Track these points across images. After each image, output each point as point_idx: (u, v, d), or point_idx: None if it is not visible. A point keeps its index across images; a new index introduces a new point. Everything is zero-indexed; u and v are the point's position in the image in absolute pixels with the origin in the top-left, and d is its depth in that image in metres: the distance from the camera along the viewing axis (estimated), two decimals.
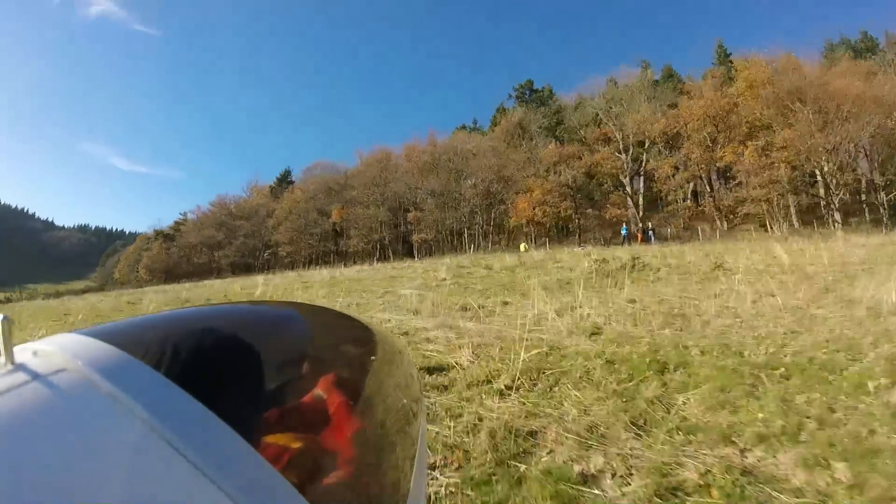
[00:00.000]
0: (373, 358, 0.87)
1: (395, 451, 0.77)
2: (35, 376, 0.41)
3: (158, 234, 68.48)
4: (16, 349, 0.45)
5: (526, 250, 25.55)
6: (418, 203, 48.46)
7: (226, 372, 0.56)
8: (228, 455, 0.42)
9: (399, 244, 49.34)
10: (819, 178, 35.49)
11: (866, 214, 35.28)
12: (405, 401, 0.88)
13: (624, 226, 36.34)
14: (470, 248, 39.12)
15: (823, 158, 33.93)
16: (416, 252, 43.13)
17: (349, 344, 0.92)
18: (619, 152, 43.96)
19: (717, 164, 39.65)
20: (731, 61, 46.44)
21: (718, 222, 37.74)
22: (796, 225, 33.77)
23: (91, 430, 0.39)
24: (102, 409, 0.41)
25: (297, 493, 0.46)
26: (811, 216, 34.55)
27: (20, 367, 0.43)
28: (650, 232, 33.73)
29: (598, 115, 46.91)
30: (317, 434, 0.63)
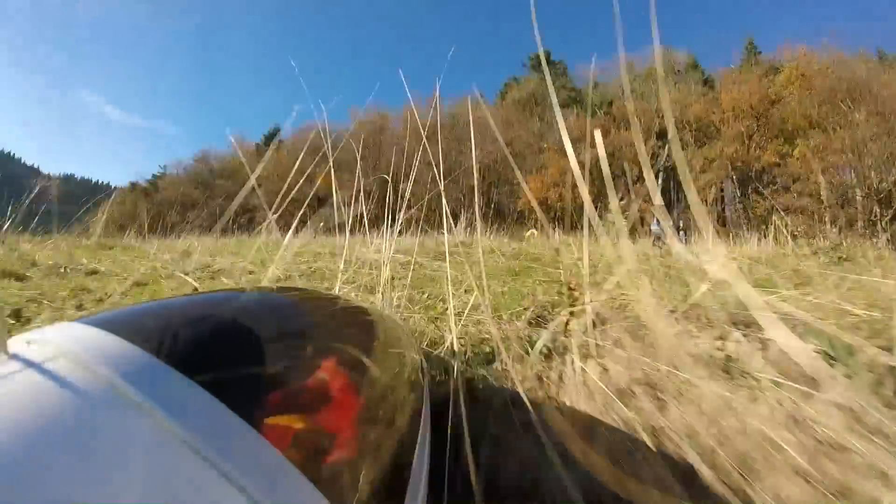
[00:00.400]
0: (377, 340, 0.89)
1: (399, 432, 0.78)
2: (30, 365, 0.40)
3: (133, 187, 62.76)
4: (11, 339, 0.45)
5: (534, 237, 20.24)
6: (412, 174, 43.02)
7: (227, 357, 0.56)
8: (232, 441, 0.42)
9: (386, 221, 44.18)
10: (858, 193, 30.95)
11: None
12: (409, 381, 0.91)
13: (655, 221, 31.41)
14: (466, 233, 34.27)
15: (874, 170, 29.70)
16: (402, 230, 38.20)
17: (354, 327, 0.91)
18: (648, 137, 39.00)
19: (755, 166, 34.93)
20: (758, 55, 42.35)
21: (746, 229, 33.20)
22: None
23: (89, 421, 0.38)
24: (101, 398, 0.40)
25: (301, 474, 0.46)
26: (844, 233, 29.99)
27: (14, 357, 0.42)
28: (682, 232, 29.18)
29: (623, 92, 41.76)
30: (320, 416, 0.64)
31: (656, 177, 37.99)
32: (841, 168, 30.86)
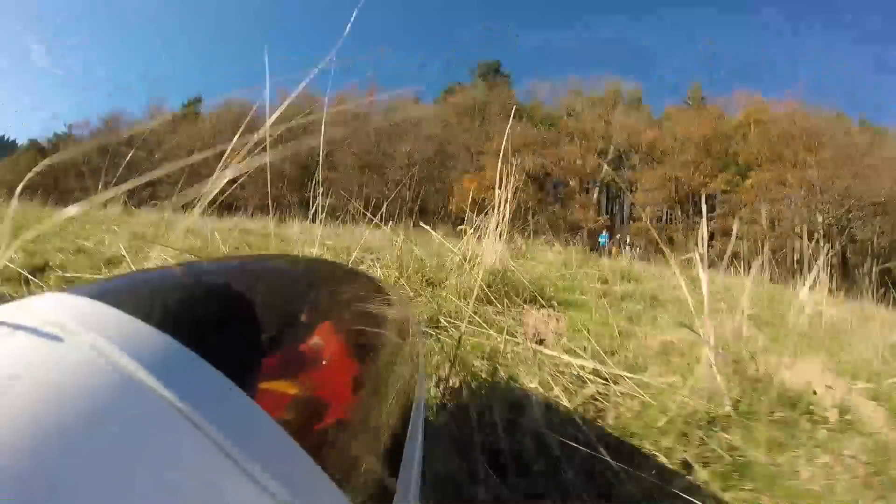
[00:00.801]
0: (372, 306, 0.89)
1: (394, 397, 0.77)
2: (16, 333, 0.39)
3: (32, 144, 56.83)
4: None
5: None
6: (335, 163, 39.57)
7: (221, 323, 0.55)
8: (225, 406, 0.41)
9: (301, 208, 40.38)
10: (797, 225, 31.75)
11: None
12: (405, 348, 0.90)
13: (605, 233, 30.32)
14: (388, 226, 31.33)
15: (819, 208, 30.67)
16: (317, 219, 34.64)
17: (349, 294, 0.90)
18: (595, 154, 37.89)
19: (702, 191, 33.88)
20: (703, 99, 42.31)
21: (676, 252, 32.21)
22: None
23: (79, 389, 0.36)
24: (92, 366, 0.38)
25: (294, 442, 0.44)
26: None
27: (1, 325, 0.40)
28: (629, 246, 27.49)
29: (570, 113, 41.49)
30: (314, 382, 0.63)
31: (595, 192, 36.72)
32: (789, 201, 31.53)
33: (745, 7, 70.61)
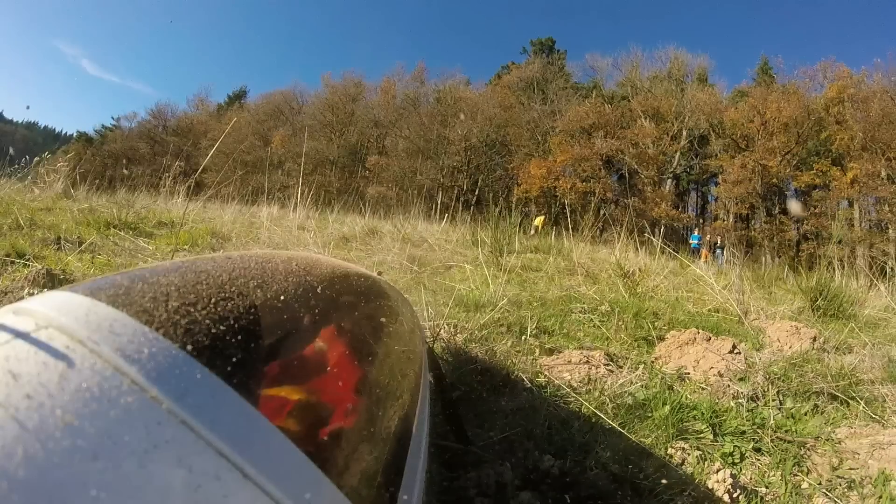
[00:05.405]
0: (375, 308, 0.90)
1: (398, 401, 0.79)
2: (15, 336, 0.40)
3: (81, 137, 58.98)
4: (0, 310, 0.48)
5: (541, 228, 13.95)
6: (385, 147, 38.00)
7: (221, 326, 0.54)
8: (225, 412, 0.41)
9: (350, 197, 38.36)
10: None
11: None
12: (408, 350, 0.91)
13: (696, 233, 26.54)
14: (444, 218, 28.76)
15: None
16: (367, 208, 32.44)
17: (352, 295, 0.89)
18: (669, 138, 34.05)
19: (793, 184, 31.23)
20: (773, 76, 37.68)
21: (769, 253, 28.41)
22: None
23: (75, 391, 0.36)
24: (89, 369, 0.38)
25: (294, 446, 0.45)
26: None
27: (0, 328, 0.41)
28: (720, 250, 23.56)
29: (636, 90, 37.53)
30: (317, 386, 0.64)
31: (666, 182, 33.20)
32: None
33: None
